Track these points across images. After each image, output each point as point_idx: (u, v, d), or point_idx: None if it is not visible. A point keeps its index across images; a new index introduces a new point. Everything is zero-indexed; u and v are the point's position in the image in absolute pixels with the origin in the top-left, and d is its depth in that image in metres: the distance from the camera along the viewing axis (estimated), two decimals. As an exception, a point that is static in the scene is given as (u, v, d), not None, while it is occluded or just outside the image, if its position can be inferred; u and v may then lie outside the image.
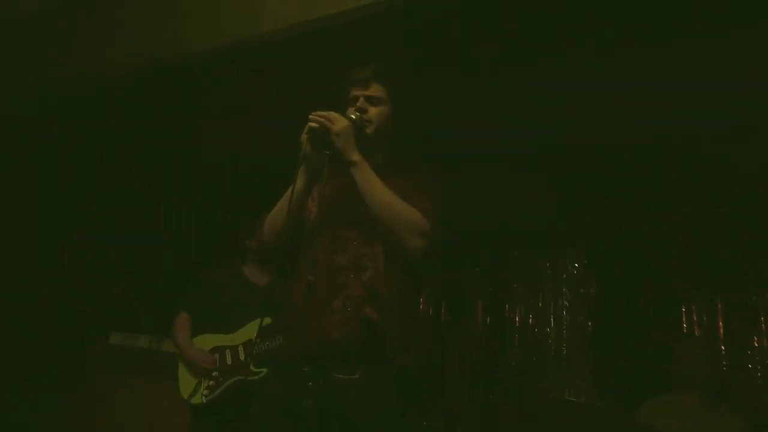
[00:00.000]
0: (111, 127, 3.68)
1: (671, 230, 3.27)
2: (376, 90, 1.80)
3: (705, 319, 3.21)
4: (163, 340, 3.73)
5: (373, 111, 1.79)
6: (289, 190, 1.69)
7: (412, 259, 1.71)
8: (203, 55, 2.74)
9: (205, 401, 2.73)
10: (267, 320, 2.64)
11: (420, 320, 3.58)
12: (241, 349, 2.81)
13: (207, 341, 2.86)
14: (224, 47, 2.65)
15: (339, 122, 1.65)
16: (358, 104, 1.78)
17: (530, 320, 3.66)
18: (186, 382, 2.83)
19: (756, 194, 3.15)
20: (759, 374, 3.02)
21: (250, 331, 2.80)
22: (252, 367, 2.76)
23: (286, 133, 1.70)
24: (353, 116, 1.73)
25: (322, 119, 1.65)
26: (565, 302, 3.55)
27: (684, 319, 3.25)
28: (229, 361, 2.80)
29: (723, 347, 3.12)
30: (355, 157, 1.67)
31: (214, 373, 2.77)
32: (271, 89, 2.92)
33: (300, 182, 1.71)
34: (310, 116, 1.67)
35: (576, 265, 3.56)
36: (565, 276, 3.58)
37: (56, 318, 4.06)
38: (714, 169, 3.24)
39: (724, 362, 3.09)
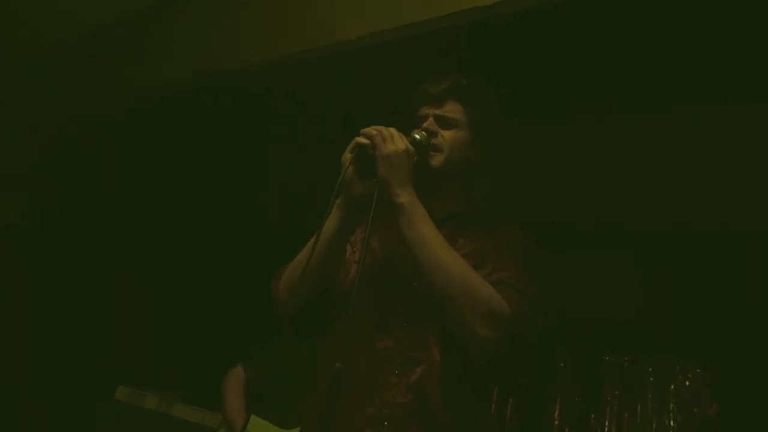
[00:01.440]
0: (171, 141, 3.41)
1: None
2: (451, 109, 1.31)
3: None
4: (176, 402, 3.21)
5: (444, 135, 1.29)
6: (317, 232, 1.17)
7: (477, 355, 1.13)
8: (270, 65, 2.40)
9: None
10: None
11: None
12: None
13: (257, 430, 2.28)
14: (294, 57, 2.29)
15: (394, 142, 1.15)
16: (425, 124, 1.29)
17: (623, 438, 2.87)
18: None
19: None
20: None
21: None
22: None
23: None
24: (417, 136, 1.24)
25: (375, 133, 1.16)
26: (672, 422, 2.75)
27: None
28: None
29: None
30: (403, 197, 1.15)
31: None
32: (343, 104, 2.52)
33: (333, 221, 1.20)
34: (362, 130, 1.19)
35: (689, 375, 2.78)
36: (673, 387, 2.80)
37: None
38: None
39: None
